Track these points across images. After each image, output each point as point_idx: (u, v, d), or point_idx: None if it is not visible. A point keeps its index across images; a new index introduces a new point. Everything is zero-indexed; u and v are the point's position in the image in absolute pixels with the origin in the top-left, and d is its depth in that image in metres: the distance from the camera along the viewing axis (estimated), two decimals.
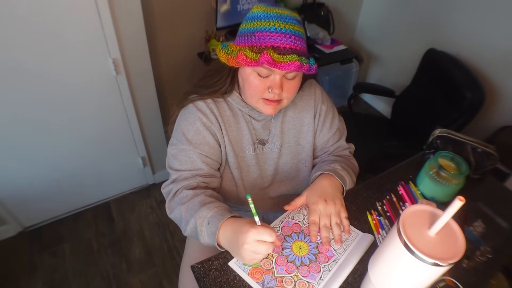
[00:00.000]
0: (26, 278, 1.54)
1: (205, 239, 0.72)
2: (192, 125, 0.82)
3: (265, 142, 0.91)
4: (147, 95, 1.62)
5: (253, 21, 0.72)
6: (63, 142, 1.52)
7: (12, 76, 1.23)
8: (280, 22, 0.69)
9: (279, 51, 0.69)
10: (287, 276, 0.69)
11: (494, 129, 1.75)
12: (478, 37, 1.85)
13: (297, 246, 0.76)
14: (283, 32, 0.69)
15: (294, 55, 0.69)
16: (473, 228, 0.82)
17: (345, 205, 0.83)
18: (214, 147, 0.84)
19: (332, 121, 0.95)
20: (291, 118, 0.91)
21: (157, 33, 1.68)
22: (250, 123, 0.88)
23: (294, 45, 0.70)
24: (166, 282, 1.57)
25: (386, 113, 2.63)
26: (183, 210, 0.76)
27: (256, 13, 0.72)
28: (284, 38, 0.69)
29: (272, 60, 0.68)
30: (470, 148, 0.92)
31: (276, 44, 0.69)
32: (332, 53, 2.06)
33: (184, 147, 0.81)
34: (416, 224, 0.51)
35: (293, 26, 0.71)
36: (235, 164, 0.88)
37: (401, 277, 0.53)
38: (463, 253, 0.48)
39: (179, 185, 0.80)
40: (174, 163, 0.83)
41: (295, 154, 0.95)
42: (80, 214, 1.83)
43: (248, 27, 0.72)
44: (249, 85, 0.77)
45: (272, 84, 0.74)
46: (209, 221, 0.70)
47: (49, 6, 1.14)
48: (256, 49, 0.70)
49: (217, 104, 0.84)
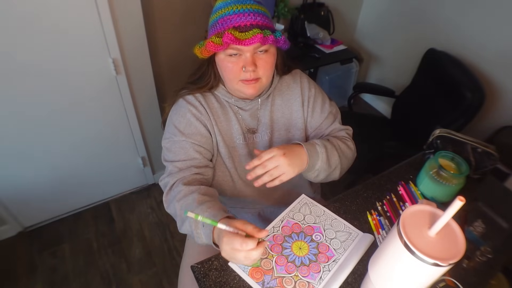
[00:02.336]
0: (26, 278, 1.54)
1: (202, 240, 0.71)
2: (183, 117, 0.85)
3: (254, 131, 0.92)
4: (147, 95, 1.62)
5: (215, 12, 0.78)
6: (63, 142, 1.52)
7: (11, 75, 1.23)
8: (237, 4, 0.74)
9: (241, 29, 0.73)
10: (287, 276, 0.69)
11: (494, 129, 1.75)
12: (478, 37, 1.85)
13: (297, 246, 0.76)
14: (241, 12, 0.74)
15: (256, 29, 0.73)
16: (473, 228, 0.82)
17: (345, 205, 0.82)
18: (206, 136, 0.86)
19: (322, 105, 0.95)
20: (279, 107, 0.93)
21: (157, 33, 1.67)
22: (238, 113, 0.90)
23: (255, 21, 0.74)
24: (166, 282, 1.57)
25: (386, 113, 2.63)
26: (177, 208, 0.77)
27: (217, 5, 0.78)
28: (243, 17, 0.73)
29: (235, 38, 0.72)
30: (470, 148, 0.92)
31: (237, 23, 0.73)
32: (332, 53, 2.06)
33: (177, 138, 0.84)
34: (416, 224, 0.51)
35: (251, 6, 0.75)
36: (227, 154, 0.90)
37: (401, 277, 0.53)
38: (463, 253, 0.48)
39: (175, 178, 0.81)
40: (168, 155, 0.85)
41: (286, 142, 0.95)
42: (80, 214, 1.83)
43: (213, 19, 0.79)
44: (225, 70, 0.80)
45: (244, 63, 0.77)
46: (204, 224, 0.70)
47: (49, 6, 1.14)
48: (220, 34, 0.74)
49: (205, 97, 0.88)
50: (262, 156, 0.75)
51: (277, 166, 0.75)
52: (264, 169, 0.74)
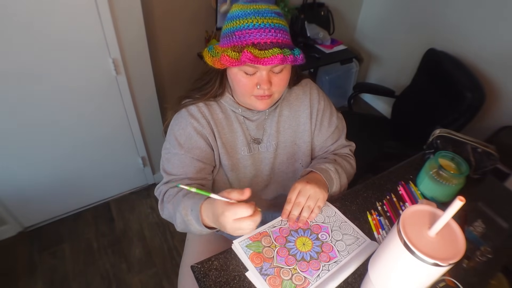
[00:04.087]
0: (26, 278, 1.54)
1: (195, 227, 0.71)
2: (184, 130, 0.83)
3: (260, 141, 0.90)
4: (147, 95, 1.62)
5: (232, 20, 0.72)
6: (63, 142, 1.52)
7: (12, 76, 1.23)
8: (258, 17, 0.69)
9: (260, 46, 0.69)
10: (285, 268, 0.70)
11: (494, 129, 1.75)
12: (478, 37, 1.85)
13: (301, 241, 0.76)
14: (261, 27, 0.69)
15: (276, 49, 0.69)
16: (473, 228, 0.82)
17: (345, 205, 0.82)
18: (206, 150, 0.84)
19: (330, 119, 0.94)
20: (287, 118, 0.91)
21: (157, 33, 1.67)
22: (244, 123, 0.87)
23: (275, 38, 0.70)
24: (166, 282, 1.57)
25: (386, 113, 2.63)
26: (170, 208, 0.77)
27: (234, 12, 0.72)
28: (264, 33, 0.69)
29: (253, 57, 0.67)
30: (470, 148, 0.92)
31: (256, 40, 0.69)
32: (332, 53, 2.06)
33: (176, 151, 0.82)
34: (416, 224, 0.51)
35: (271, 20, 0.70)
36: (230, 167, 0.88)
37: (401, 277, 0.53)
38: (463, 253, 0.48)
39: (168, 186, 0.83)
40: (167, 166, 0.85)
41: (292, 154, 0.94)
42: (80, 214, 1.83)
43: (228, 28, 0.72)
44: (237, 84, 0.77)
45: (259, 81, 0.74)
46: (192, 208, 0.70)
47: (49, 6, 1.14)
48: (238, 48, 0.70)
49: (209, 107, 0.85)
50: (290, 197, 0.76)
51: (309, 196, 0.76)
52: (299, 206, 0.76)
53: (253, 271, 0.69)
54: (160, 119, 1.76)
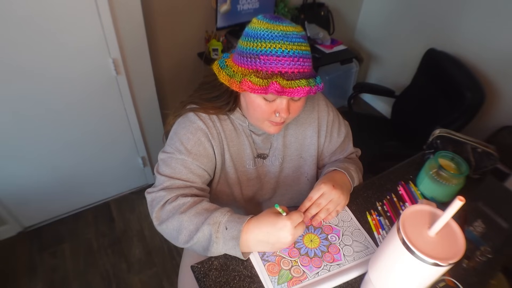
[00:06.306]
0: (26, 278, 1.54)
1: (218, 247, 0.67)
2: (193, 134, 0.77)
3: (265, 156, 0.88)
4: (147, 95, 1.62)
5: (256, 40, 0.65)
6: (63, 142, 1.52)
7: (12, 76, 1.23)
8: (286, 43, 0.64)
9: (287, 76, 0.65)
10: (287, 258, 0.72)
11: (494, 129, 1.75)
12: (478, 37, 1.85)
13: (309, 238, 0.77)
14: (290, 55, 0.64)
15: (303, 80, 0.65)
16: (473, 228, 0.82)
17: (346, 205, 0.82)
18: (212, 161, 0.81)
19: (339, 129, 0.94)
20: (293, 131, 0.89)
21: (157, 33, 1.68)
22: (250, 137, 0.85)
23: (302, 68, 0.66)
24: (166, 282, 1.57)
25: (386, 113, 2.63)
26: (184, 219, 0.70)
27: (258, 31, 0.65)
28: (292, 62, 0.64)
29: (280, 87, 0.63)
30: (470, 148, 0.92)
31: (284, 69, 0.65)
32: (332, 53, 2.06)
33: (182, 157, 0.76)
34: (416, 224, 0.51)
35: (300, 47, 0.66)
36: (236, 180, 0.86)
37: (401, 277, 0.53)
38: (463, 253, 0.48)
39: (173, 193, 0.73)
40: (165, 169, 0.76)
41: (297, 167, 0.93)
42: (80, 214, 1.83)
43: (251, 48, 0.65)
44: (254, 109, 0.73)
45: (279, 109, 0.71)
46: (227, 226, 0.66)
47: (49, 6, 1.14)
48: (263, 74, 0.65)
49: (221, 120, 0.81)
50: (312, 196, 0.76)
51: (331, 200, 0.76)
52: (319, 207, 0.76)
53: (255, 254, 0.72)
54: (160, 119, 1.76)
